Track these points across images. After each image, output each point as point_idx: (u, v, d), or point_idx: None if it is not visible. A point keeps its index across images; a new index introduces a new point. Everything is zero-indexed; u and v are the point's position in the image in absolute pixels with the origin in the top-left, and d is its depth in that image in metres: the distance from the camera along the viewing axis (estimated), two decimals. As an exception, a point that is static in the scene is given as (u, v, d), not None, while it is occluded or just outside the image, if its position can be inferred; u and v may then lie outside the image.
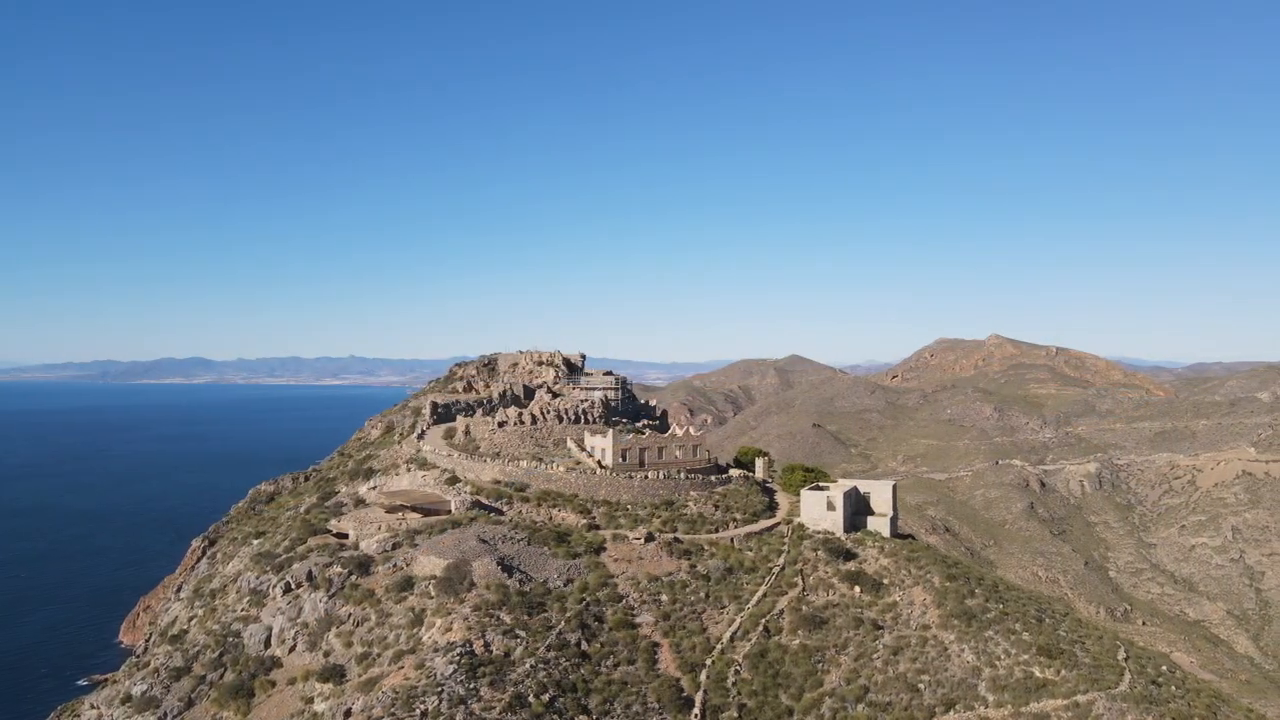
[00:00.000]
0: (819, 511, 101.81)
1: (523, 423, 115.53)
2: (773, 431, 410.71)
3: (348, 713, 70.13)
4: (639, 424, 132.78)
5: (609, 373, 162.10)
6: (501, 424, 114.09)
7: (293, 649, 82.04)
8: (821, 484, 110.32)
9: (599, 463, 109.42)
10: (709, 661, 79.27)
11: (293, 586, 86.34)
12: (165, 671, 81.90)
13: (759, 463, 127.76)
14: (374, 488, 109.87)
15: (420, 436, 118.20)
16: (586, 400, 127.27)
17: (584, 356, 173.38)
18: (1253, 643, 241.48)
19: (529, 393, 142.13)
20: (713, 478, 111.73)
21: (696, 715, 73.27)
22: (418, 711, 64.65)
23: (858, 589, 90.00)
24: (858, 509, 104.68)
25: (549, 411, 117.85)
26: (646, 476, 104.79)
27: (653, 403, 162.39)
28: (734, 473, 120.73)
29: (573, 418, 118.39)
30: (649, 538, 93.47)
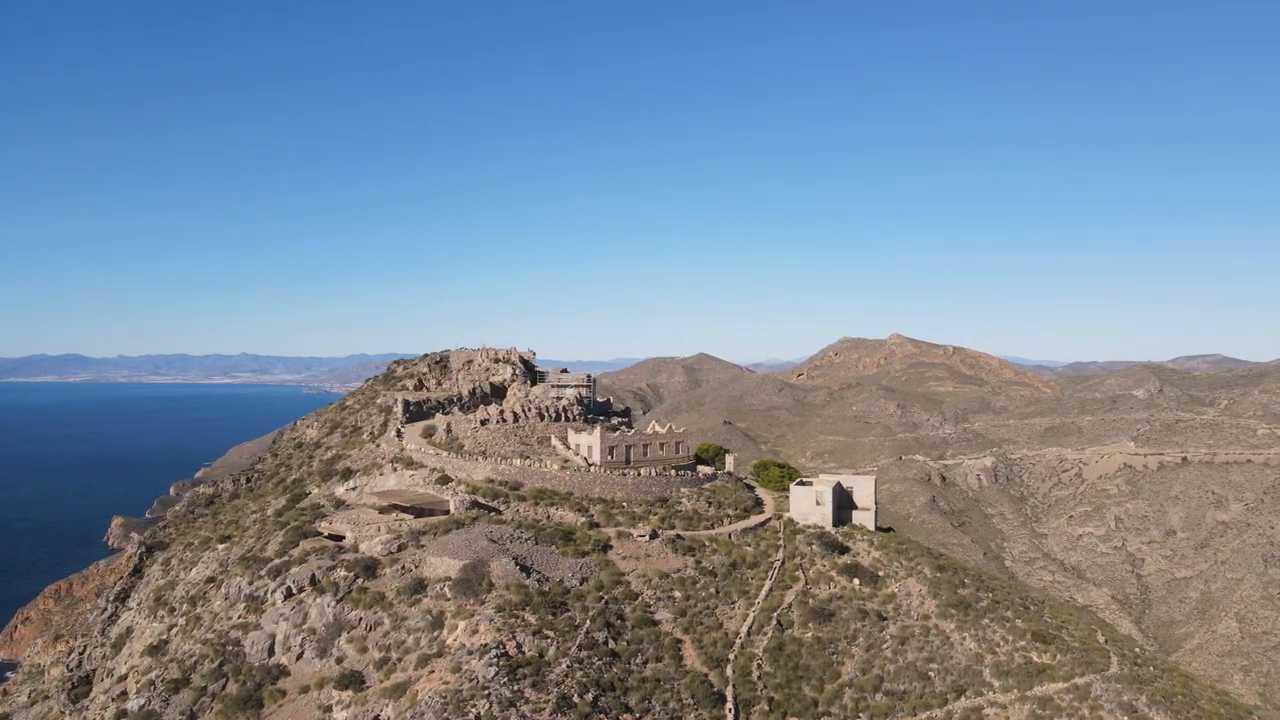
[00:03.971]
0: (808, 506, 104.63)
1: (504, 420, 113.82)
2: (683, 429, 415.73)
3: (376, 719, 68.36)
4: (612, 421, 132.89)
5: (564, 370, 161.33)
6: (484, 422, 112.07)
7: (300, 656, 78.69)
8: (805, 479, 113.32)
9: (585, 460, 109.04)
10: (731, 656, 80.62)
11: (294, 591, 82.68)
12: (161, 684, 77.09)
13: (729, 459, 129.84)
14: (354, 489, 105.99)
15: (399, 435, 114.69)
16: (561, 398, 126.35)
17: (534, 354, 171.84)
18: (1135, 625, 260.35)
19: (496, 390, 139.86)
20: (699, 474, 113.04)
21: (730, 710, 74.47)
22: (471, 715, 63.24)
23: (857, 581, 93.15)
24: (842, 503, 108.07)
25: (530, 409, 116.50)
26: (639, 474, 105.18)
27: (610, 401, 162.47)
28: (703, 469, 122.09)
29: (553, 415, 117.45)
30: (653, 535, 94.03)
